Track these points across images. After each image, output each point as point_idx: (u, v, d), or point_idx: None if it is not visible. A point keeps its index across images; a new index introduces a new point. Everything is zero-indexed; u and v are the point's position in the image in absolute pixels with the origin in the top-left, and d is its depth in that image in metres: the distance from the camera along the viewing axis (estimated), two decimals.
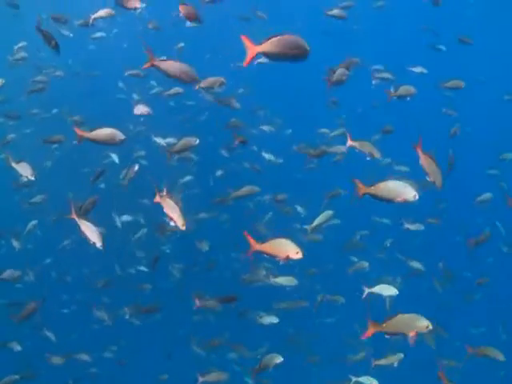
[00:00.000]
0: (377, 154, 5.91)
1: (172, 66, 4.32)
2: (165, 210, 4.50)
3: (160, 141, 8.34)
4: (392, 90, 6.36)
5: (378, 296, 5.89)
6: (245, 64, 3.42)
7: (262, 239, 4.22)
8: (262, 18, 11.55)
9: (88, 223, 4.44)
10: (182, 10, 5.36)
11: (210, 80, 5.81)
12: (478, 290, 10.23)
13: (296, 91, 15.85)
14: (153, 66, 4.23)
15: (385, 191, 3.96)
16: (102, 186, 9.28)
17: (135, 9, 5.58)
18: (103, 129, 4.66)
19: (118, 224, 8.00)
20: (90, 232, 4.41)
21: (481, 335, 10.60)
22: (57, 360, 7.07)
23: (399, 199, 3.94)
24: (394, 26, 17.42)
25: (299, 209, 8.69)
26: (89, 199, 6.08)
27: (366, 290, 5.60)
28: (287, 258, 4.01)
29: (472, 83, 7.80)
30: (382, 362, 5.69)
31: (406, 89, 6.43)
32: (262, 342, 8.35)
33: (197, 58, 10.97)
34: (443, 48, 11.10)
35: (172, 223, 4.49)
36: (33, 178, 5.51)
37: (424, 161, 4.34)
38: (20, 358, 7.51)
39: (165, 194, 4.57)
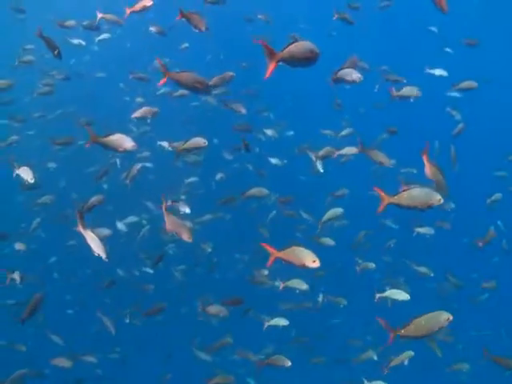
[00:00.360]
0: (387, 163, 5.88)
1: (186, 76, 4.44)
2: (168, 226, 4.58)
3: (165, 145, 8.36)
4: (394, 89, 6.32)
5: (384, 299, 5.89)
6: (267, 75, 3.51)
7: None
8: (265, 19, 11.56)
9: (93, 235, 4.51)
10: (191, 19, 5.31)
11: (220, 77, 5.86)
12: (484, 292, 10.15)
13: (299, 93, 15.85)
14: (169, 78, 4.36)
15: (409, 199, 3.93)
16: (105, 186, 9.31)
17: (145, 8, 5.60)
18: (116, 135, 4.72)
19: (122, 228, 7.97)
20: (95, 244, 4.48)
21: (484, 338, 10.55)
22: (63, 362, 6.96)
23: (425, 206, 3.92)
24: (397, 27, 17.41)
25: (304, 215, 8.67)
26: (94, 198, 6.12)
27: (377, 295, 5.61)
28: (304, 266, 4.10)
29: (480, 84, 7.77)
30: (393, 363, 5.66)
31: (410, 90, 6.40)
32: (266, 343, 8.33)
33: (199, 58, 11.02)
34: (449, 50, 11.13)
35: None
36: (32, 181, 5.60)
37: (429, 170, 4.31)
38: (25, 357, 7.53)
39: (168, 205, 4.63)
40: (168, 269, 9.52)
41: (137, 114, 6.26)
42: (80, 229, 4.55)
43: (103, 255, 4.47)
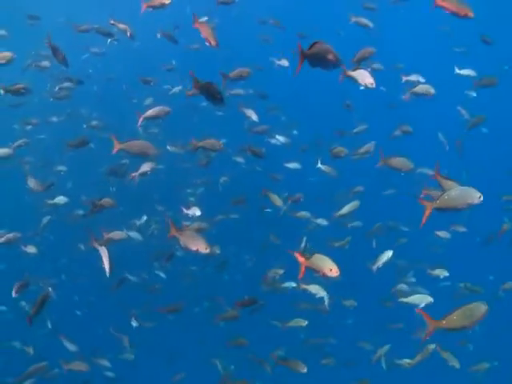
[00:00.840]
0: (408, 168, 5.80)
1: (210, 87, 4.65)
2: (184, 244, 4.71)
3: (173, 149, 8.35)
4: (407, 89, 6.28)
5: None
6: (297, 71, 3.77)
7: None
8: (277, 23, 11.54)
9: (106, 251, 4.89)
10: (202, 31, 5.27)
11: (237, 71, 5.90)
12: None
13: (308, 93, 15.79)
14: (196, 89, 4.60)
15: (451, 201, 3.80)
16: (114, 189, 9.30)
17: (162, 5, 5.58)
18: (138, 141, 4.81)
19: (136, 237, 7.94)
20: (105, 259, 4.88)
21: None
22: (79, 366, 6.84)
23: (465, 205, 3.80)
24: (409, 25, 17.33)
25: (318, 220, 8.60)
26: (104, 200, 6.11)
27: (400, 299, 5.64)
28: (324, 274, 4.17)
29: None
30: (413, 361, 5.63)
31: (423, 88, 6.34)
32: (274, 343, 8.26)
33: (205, 58, 10.99)
34: (459, 50, 11.05)
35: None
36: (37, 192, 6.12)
37: (447, 186, 4.18)
38: (35, 357, 7.52)
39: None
40: (177, 269, 9.50)
41: (147, 114, 6.22)
42: (94, 244, 5.00)
43: (107, 271, 4.84)
